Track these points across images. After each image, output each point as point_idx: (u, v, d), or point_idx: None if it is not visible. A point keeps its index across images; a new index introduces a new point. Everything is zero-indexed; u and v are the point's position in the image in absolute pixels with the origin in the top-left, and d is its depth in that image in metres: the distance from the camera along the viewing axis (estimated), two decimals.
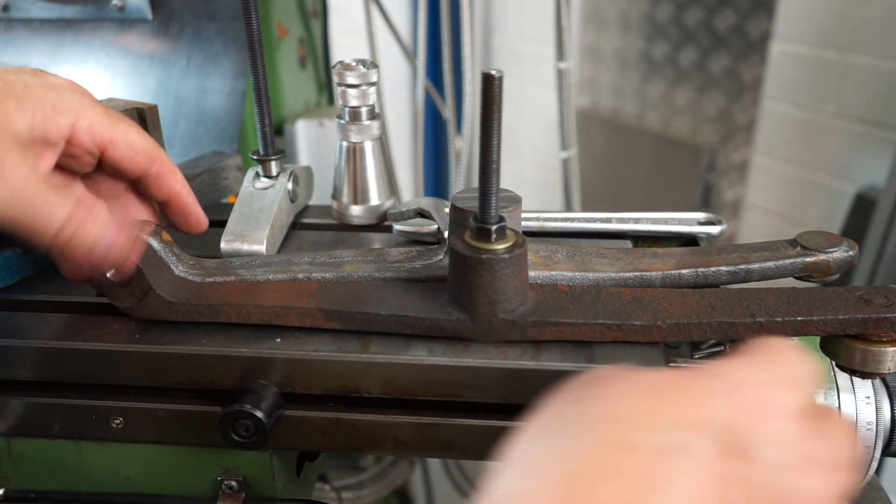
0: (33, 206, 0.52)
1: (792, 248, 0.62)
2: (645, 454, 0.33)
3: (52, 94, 0.54)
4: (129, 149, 0.58)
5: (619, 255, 0.63)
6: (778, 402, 0.36)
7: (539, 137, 3.08)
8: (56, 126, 0.54)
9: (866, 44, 1.90)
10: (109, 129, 0.56)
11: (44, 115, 0.53)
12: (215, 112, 1.02)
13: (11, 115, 0.52)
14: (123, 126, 0.57)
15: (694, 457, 0.33)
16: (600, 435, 0.34)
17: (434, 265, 0.62)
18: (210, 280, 0.60)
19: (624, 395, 0.36)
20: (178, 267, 0.60)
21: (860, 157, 1.98)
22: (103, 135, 0.56)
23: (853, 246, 0.62)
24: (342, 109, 0.73)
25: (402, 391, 0.56)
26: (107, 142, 0.56)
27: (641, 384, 0.37)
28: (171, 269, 0.59)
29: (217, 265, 0.62)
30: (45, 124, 0.53)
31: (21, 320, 0.60)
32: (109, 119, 0.57)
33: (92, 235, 0.54)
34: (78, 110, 0.55)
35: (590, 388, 0.38)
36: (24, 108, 0.52)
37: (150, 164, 0.59)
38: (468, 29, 1.32)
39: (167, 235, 0.60)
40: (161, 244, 0.59)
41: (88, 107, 0.55)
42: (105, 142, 0.56)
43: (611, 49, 2.72)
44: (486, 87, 0.48)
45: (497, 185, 0.52)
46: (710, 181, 2.40)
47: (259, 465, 0.61)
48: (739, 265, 0.61)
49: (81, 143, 0.56)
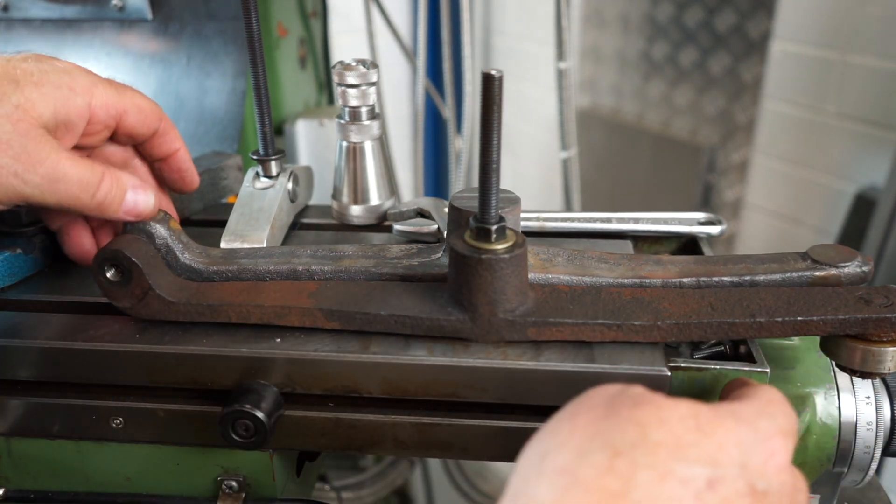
0: (73, 186, 0.55)
1: (802, 262, 0.60)
2: (689, 484, 0.36)
3: (65, 78, 0.56)
4: (139, 113, 0.61)
5: (620, 260, 0.63)
6: (787, 452, 0.41)
7: (539, 137, 3.08)
8: (75, 107, 0.56)
9: (866, 44, 1.90)
10: (120, 100, 0.59)
11: (64, 100, 0.55)
12: (215, 112, 1.02)
13: (36, 103, 0.54)
14: (129, 93, 0.61)
15: (731, 490, 0.36)
16: (641, 458, 0.36)
17: (431, 263, 0.62)
18: (214, 268, 0.61)
19: (660, 423, 0.38)
20: (185, 255, 0.61)
21: (860, 157, 1.98)
22: (116, 106, 0.59)
23: (868, 261, 0.59)
24: (342, 109, 0.73)
25: (402, 391, 0.56)
26: (120, 112, 0.60)
27: (676, 414, 0.39)
28: (177, 257, 0.60)
29: (223, 254, 0.63)
30: (66, 108, 0.55)
31: (21, 320, 0.60)
32: (117, 91, 0.59)
33: (123, 191, 0.59)
34: (91, 89, 0.57)
35: (623, 408, 0.40)
36: (45, 95, 0.54)
37: (159, 123, 0.63)
38: (468, 29, 1.32)
39: (175, 223, 0.62)
40: (168, 231, 0.60)
41: (98, 83, 0.58)
42: (119, 113, 0.59)
43: (611, 49, 2.72)
44: (486, 87, 0.48)
45: (497, 185, 0.52)
46: (710, 181, 2.40)
47: (259, 465, 0.61)
48: (744, 276, 0.59)
49: (99, 119, 0.58)
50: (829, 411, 0.59)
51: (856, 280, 0.59)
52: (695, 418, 0.39)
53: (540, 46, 2.87)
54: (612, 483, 0.35)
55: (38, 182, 0.53)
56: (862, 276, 0.59)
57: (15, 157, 0.52)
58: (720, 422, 0.40)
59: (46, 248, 0.68)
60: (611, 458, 0.36)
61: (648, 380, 0.53)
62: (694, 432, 0.38)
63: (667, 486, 0.35)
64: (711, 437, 0.38)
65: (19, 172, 0.52)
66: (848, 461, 0.59)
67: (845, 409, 0.59)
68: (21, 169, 0.52)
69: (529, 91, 3.03)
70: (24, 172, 0.53)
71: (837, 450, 0.59)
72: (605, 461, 0.36)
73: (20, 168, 0.52)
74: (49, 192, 0.54)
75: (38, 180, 0.53)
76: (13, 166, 0.52)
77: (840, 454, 0.59)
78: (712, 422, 0.39)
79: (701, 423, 0.39)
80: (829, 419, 0.59)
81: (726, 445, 0.38)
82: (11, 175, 0.52)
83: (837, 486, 0.62)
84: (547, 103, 2.73)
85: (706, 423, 0.39)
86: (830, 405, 0.59)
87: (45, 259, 0.68)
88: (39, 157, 0.53)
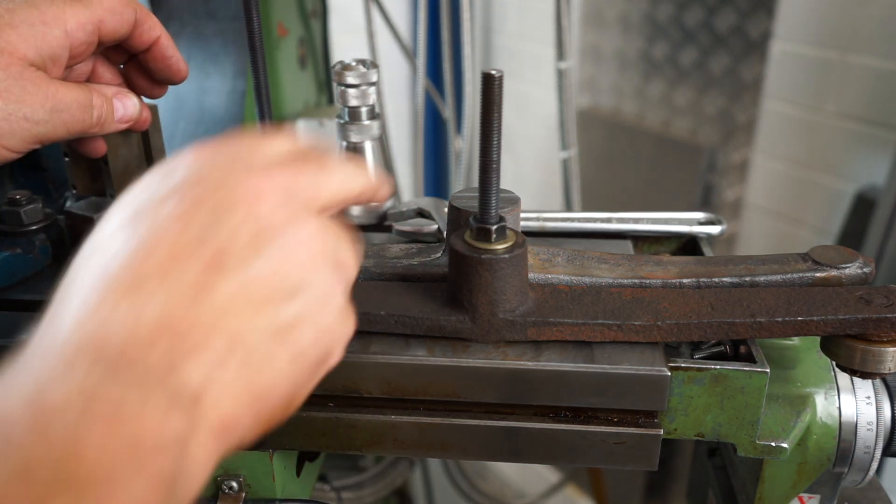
0: (75, 110, 0.56)
1: (803, 262, 0.60)
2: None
3: (34, 12, 0.56)
4: (114, 15, 0.60)
5: (620, 261, 0.63)
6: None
7: (539, 137, 3.08)
8: (55, 39, 0.56)
9: (866, 44, 1.90)
10: (92, 13, 0.59)
11: (42, 35, 0.55)
12: (215, 112, 1.02)
13: (17, 45, 0.53)
14: (97, 1, 0.59)
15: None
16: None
17: (431, 263, 0.62)
18: None
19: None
20: None
21: (860, 157, 1.98)
22: (91, 21, 0.58)
23: (869, 262, 0.59)
24: (342, 109, 0.73)
25: (402, 391, 0.56)
26: (96, 24, 0.59)
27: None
28: None
29: None
30: (46, 43, 0.55)
31: (21, 320, 0.60)
32: (86, 5, 0.58)
33: (110, 102, 0.60)
34: (60, 15, 0.57)
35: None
36: (23, 35, 0.54)
37: (134, 13, 0.62)
38: (468, 29, 1.32)
39: None
40: None
41: (66, 7, 0.57)
42: (95, 26, 0.59)
43: (611, 49, 2.72)
44: (486, 87, 0.48)
45: (497, 185, 0.52)
46: (710, 181, 2.40)
47: (259, 465, 0.61)
48: (744, 276, 0.59)
49: (80, 41, 0.58)
50: (830, 411, 0.59)
51: (857, 281, 0.58)
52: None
53: (540, 46, 2.86)
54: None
55: (46, 119, 0.54)
56: (863, 278, 0.58)
57: (18, 101, 0.52)
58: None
59: (46, 248, 0.68)
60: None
61: (648, 380, 0.53)
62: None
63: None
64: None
65: (28, 115, 0.53)
66: (848, 461, 0.59)
67: (845, 410, 0.59)
68: (29, 111, 0.53)
69: (529, 91, 3.03)
70: (32, 114, 0.53)
71: (837, 450, 0.59)
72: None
73: (28, 110, 0.53)
74: (58, 123, 0.55)
75: (46, 116, 0.54)
76: (20, 110, 0.52)
77: (840, 454, 0.59)
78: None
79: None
80: (830, 419, 0.59)
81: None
82: (22, 119, 0.52)
83: (837, 486, 0.62)
84: (547, 103, 2.73)
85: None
86: (831, 405, 0.59)
87: (45, 259, 0.68)
88: (41, 95, 0.53)
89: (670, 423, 0.56)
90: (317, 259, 0.40)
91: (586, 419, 0.56)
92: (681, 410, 0.56)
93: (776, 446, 0.56)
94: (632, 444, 0.55)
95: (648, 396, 0.54)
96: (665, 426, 0.56)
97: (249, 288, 0.36)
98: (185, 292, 0.34)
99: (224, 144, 0.41)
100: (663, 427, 0.55)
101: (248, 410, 0.36)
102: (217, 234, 0.36)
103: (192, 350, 0.34)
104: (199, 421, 0.33)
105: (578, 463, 0.57)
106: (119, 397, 0.31)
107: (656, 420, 0.55)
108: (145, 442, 0.31)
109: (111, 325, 0.33)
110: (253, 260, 0.37)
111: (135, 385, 0.31)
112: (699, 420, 0.56)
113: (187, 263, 0.35)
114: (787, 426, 0.57)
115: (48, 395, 0.30)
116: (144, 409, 0.31)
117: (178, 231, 0.35)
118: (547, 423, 0.56)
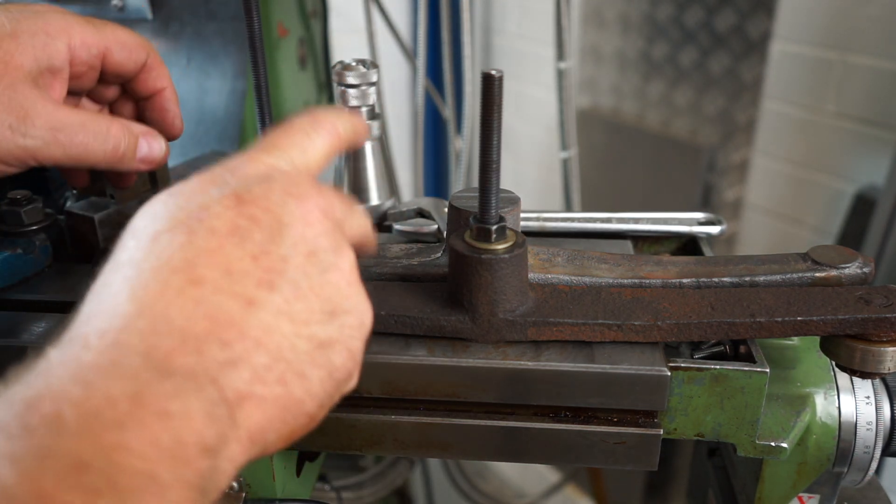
0: (79, 134, 0.54)
1: (802, 262, 0.60)
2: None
3: (39, 22, 0.54)
4: (123, 48, 0.59)
5: (620, 261, 0.63)
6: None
7: (539, 137, 3.08)
8: (55, 51, 0.54)
9: (866, 44, 1.90)
10: (101, 38, 0.58)
11: (42, 45, 0.54)
12: (215, 112, 1.02)
13: (14, 54, 0.52)
14: (110, 29, 0.59)
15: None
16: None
17: (431, 263, 0.62)
18: None
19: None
20: None
21: (860, 157, 1.98)
22: (97, 45, 0.57)
23: (869, 262, 0.59)
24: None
25: (402, 391, 0.56)
26: (103, 50, 0.58)
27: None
28: None
29: None
30: (46, 53, 0.54)
31: (21, 320, 0.60)
32: (96, 27, 0.58)
33: (136, 138, 0.57)
34: (67, 29, 0.56)
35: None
36: (22, 44, 0.53)
37: (146, 56, 0.61)
38: (468, 29, 1.32)
39: None
40: None
41: (74, 23, 0.56)
42: (101, 51, 0.58)
43: (611, 49, 2.72)
44: (486, 87, 0.48)
45: (497, 185, 0.52)
46: (710, 181, 2.40)
47: (259, 465, 0.61)
48: (744, 277, 0.59)
49: (82, 60, 0.57)
50: (829, 411, 0.59)
51: (857, 281, 0.58)
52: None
53: (540, 46, 2.87)
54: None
55: (39, 134, 0.52)
56: (863, 278, 0.59)
57: (6, 111, 0.51)
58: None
59: (46, 248, 0.68)
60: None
61: (648, 380, 0.53)
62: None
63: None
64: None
65: (14, 126, 0.51)
66: (848, 461, 0.59)
67: (845, 409, 0.59)
68: (15, 122, 0.51)
69: (529, 91, 3.03)
70: (20, 125, 0.51)
71: (837, 450, 0.59)
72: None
73: (14, 121, 0.51)
74: (53, 143, 0.53)
75: (39, 132, 0.52)
76: (6, 120, 0.51)
77: (840, 454, 0.59)
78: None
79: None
80: (829, 419, 0.59)
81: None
82: (6, 128, 0.51)
83: (837, 486, 0.62)
84: (547, 103, 2.73)
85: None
86: (830, 405, 0.59)
87: (45, 259, 0.68)
88: (33, 109, 0.52)
89: (670, 423, 0.57)
90: (353, 286, 0.42)
91: (586, 419, 0.56)
92: (681, 410, 0.56)
93: (776, 446, 0.56)
94: (632, 444, 0.55)
95: (648, 396, 0.54)
96: (665, 426, 0.56)
97: (294, 308, 0.38)
98: (236, 305, 0.35)
99: (269, 157, 0.43)
100: (663, 427, 0.55)
101: (277, 424, 0.37)
102: (271, 253, 0.38)
103: (236, 361, 0.35)
104: (233, 432, 0.34)
105: (578, 463, 0.57)
106: (165, 404, 0.31)
107: (656, 420, 0.55)
108: (186, 450, 0.31)
109: (161, 327, 0.33)
110: (301, 281, 0.38)
111: (180, 392, 0.32)
112: (699, 420, 0.56)
113: (241, 278, 0.36)
114: (786, 426, 0.57)
115: (96, 395, 0.30)
116: (186, 416, 0.32)
117: (233, 245, 0.37)
118: (547, 423, 0.56)
